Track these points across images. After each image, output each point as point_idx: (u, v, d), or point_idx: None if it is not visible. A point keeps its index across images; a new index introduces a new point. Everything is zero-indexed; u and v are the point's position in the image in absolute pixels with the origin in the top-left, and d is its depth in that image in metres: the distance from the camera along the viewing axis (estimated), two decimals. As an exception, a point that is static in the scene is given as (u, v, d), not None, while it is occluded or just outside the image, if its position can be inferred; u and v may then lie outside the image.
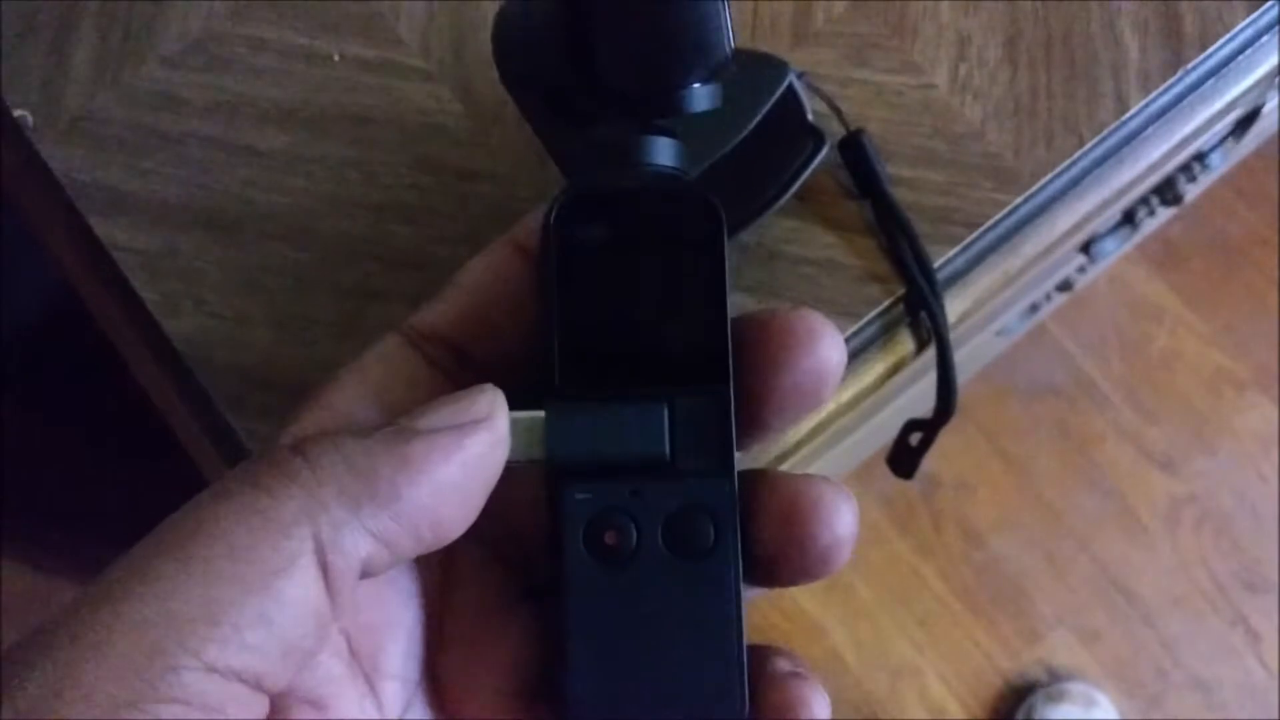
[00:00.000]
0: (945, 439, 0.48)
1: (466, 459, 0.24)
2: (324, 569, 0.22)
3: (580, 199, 0.26)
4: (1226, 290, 1.41)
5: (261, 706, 0.22)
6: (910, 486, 1.34)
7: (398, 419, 0.24)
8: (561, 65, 0.27)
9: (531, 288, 0.27)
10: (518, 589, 0.28)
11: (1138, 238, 1.09)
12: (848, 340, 0.43)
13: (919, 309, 0.43)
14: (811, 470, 0.69)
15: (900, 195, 0.43)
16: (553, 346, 0.25)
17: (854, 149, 0.43)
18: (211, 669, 0.21)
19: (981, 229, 0.44)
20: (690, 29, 0.26)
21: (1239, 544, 1.33)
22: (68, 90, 0.45)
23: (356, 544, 0.22)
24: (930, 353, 0.45)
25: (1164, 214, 0.92)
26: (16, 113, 0.45)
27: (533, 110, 0.31)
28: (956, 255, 0.44)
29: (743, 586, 0.26)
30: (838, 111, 0.43)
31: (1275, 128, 1.18)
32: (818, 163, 0.42)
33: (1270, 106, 0.86)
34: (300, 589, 0.22)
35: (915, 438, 0.50)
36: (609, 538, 0.25)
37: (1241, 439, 1.36)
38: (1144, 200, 0.83)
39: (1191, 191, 0.87)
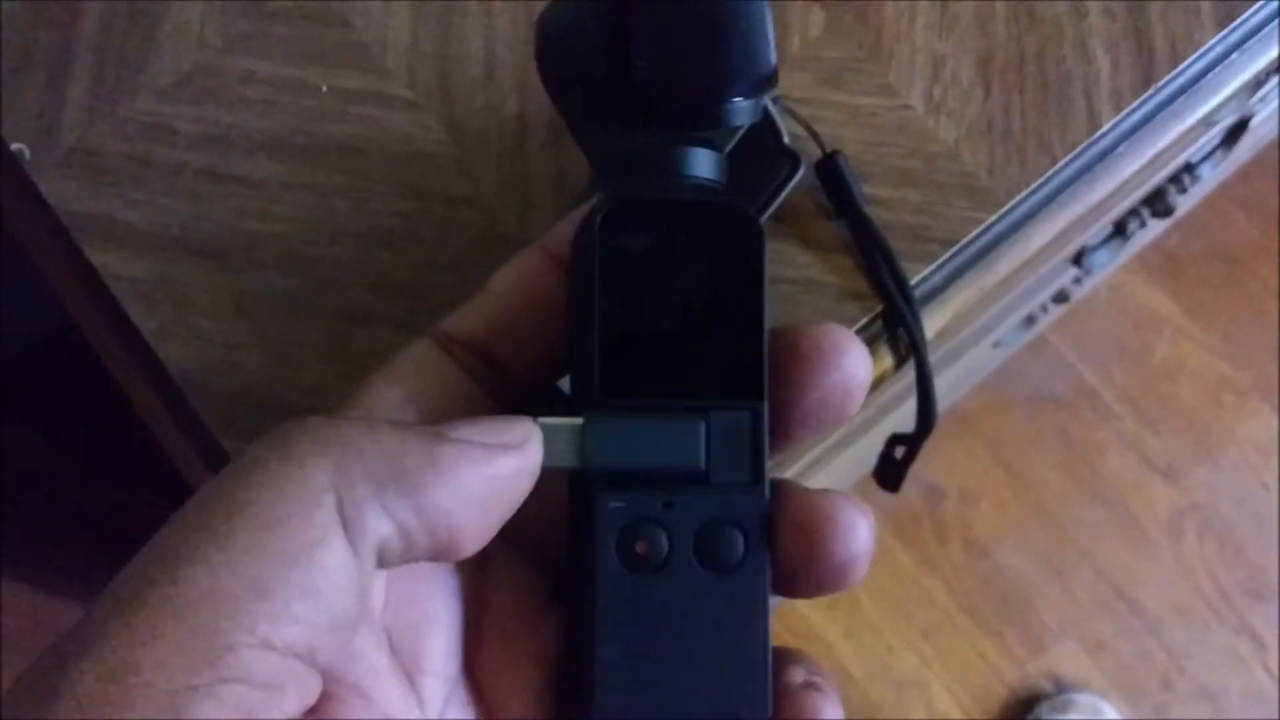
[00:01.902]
0: (947, 451, 0.48)
1: (491, 476, 0.24)
2: (350, 543, 0.22)
3: (625, 207, 0.25)
4: (1227, 299, 1.41)
5: (316, 684, 0.22)
6: (914, 499, 1.35)
7: (439, 425, 0.24)
8: (605, 69, 0.27)
9: (562, 295, 0.27)
10: (550, 590, 0.28)
11: (1131, 249, 1.09)
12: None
13: (897, 325, 0.44)
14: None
15: (877, 214, 0.44)
16: (593, 354, 0.25)
17: (830, 170, 0.44)
18: (267, 644, 0.21)
19: (957, 246, 0.44)
20: (739, 42, 0.26)
21: (1242, 552, 1.33)
22: (63, 123, 0.46)
23: (376, 525, 0.22)
24: (911, 368, 0.46)
25: (1156, 225, 0.92)
26: (13, 146, 0.46)
27: (571, 113, 0.30)
28: (933, 272, 0.45)
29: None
30: (813, 134, 0.44)
31: (1271, 136, 1.19)
32: (794, 184, 0.43)
33: (1261, 117, 0.87)
34: (337, 559, 0.22)
35: (900, 451, 0.51)
36: (640, 548, 0.25)
37: (1244, 448, 1.36)
38: (1134, 212, 0.83)
39: (1183, 202, 0.88)
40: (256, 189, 0.46)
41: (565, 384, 0.30)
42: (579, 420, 0.25)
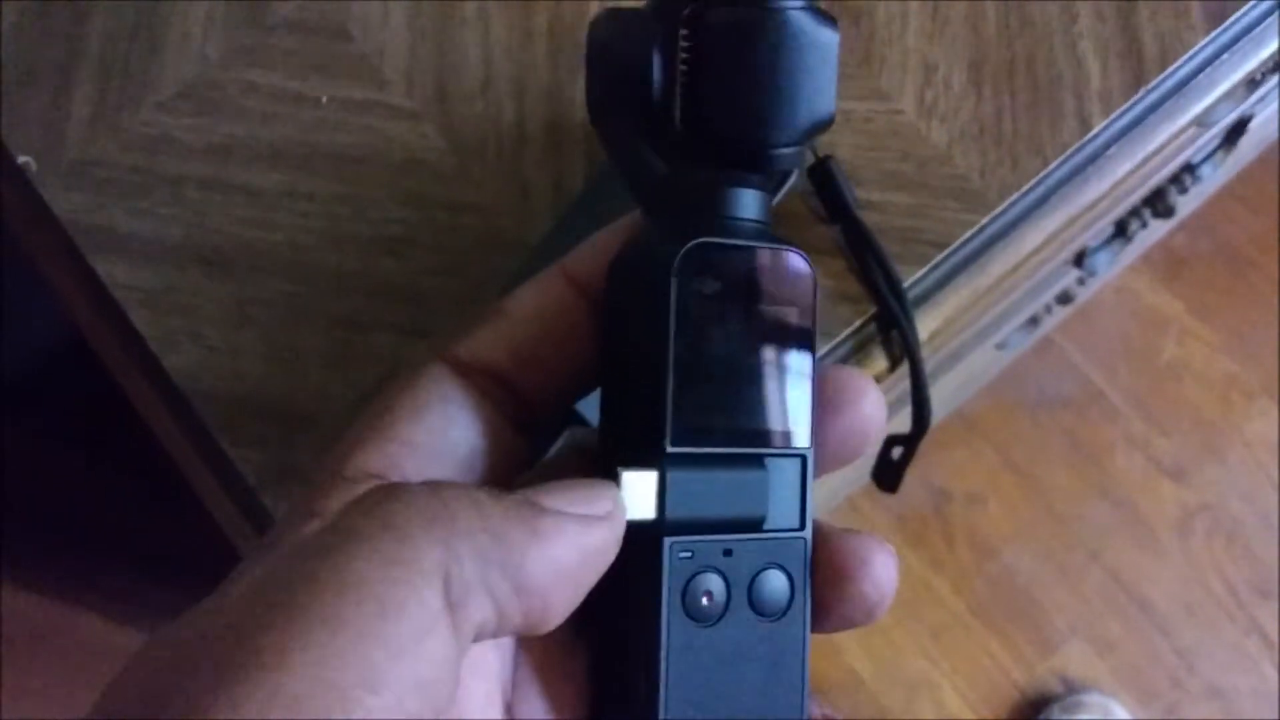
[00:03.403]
0: (955, 453, 0.49)
1: (586, 548, 0.23)
2: (453, 627, 0.21)
3: (699, 252, 0.25)
4: (1233, 298, 1.41)
5: None
6: (922, 502, 1.35)
7: (524, 492, 0.23)
8: (657, 102, 0.26)
9: (585, 323, 0.27)
10: (578, 628, 0.27)
11: (1135, 250, 1.09)
12: (821, 359, 0.44)
13: (890, 328, 0.45)
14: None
15: (869, 218, 0.45)
16: (664, 402, 0.25)
17: (823, 174, 0.45)
18: None
19: (950, 249, 0.45)
20: (806, 90, 0.25)
21: (1251, 551, 1.33)
22: (68, 136, 0.47)
23: (479, 607, 0.21)
24: (905, 370, 0.46)
25: (1158, 226, 0.92)
26: (20, 159, 0.47)
27: (617, 141, 0.29)
28: (925, 275, 0.45)
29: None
30: (806, 139, 0.45)
31: (1273, 137, 1.19)
32: (787, 189, 0.44)
33: (1262, 118, 0.87)
34: (444, 648, 0.21)
35: (897, 452, 0.51)
36: (705, 599, 0.25)
37: (1252, 446, 1.36)
38: (1135, 213, 0.84)
39: (1184, 203, 0.88)
40: (258, 198, 0.46)
41: (580, 406, 0.30)
42: (654, 472, 0.25)
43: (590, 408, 0.33)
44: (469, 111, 0.47)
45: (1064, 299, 1.04)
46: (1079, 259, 0.84)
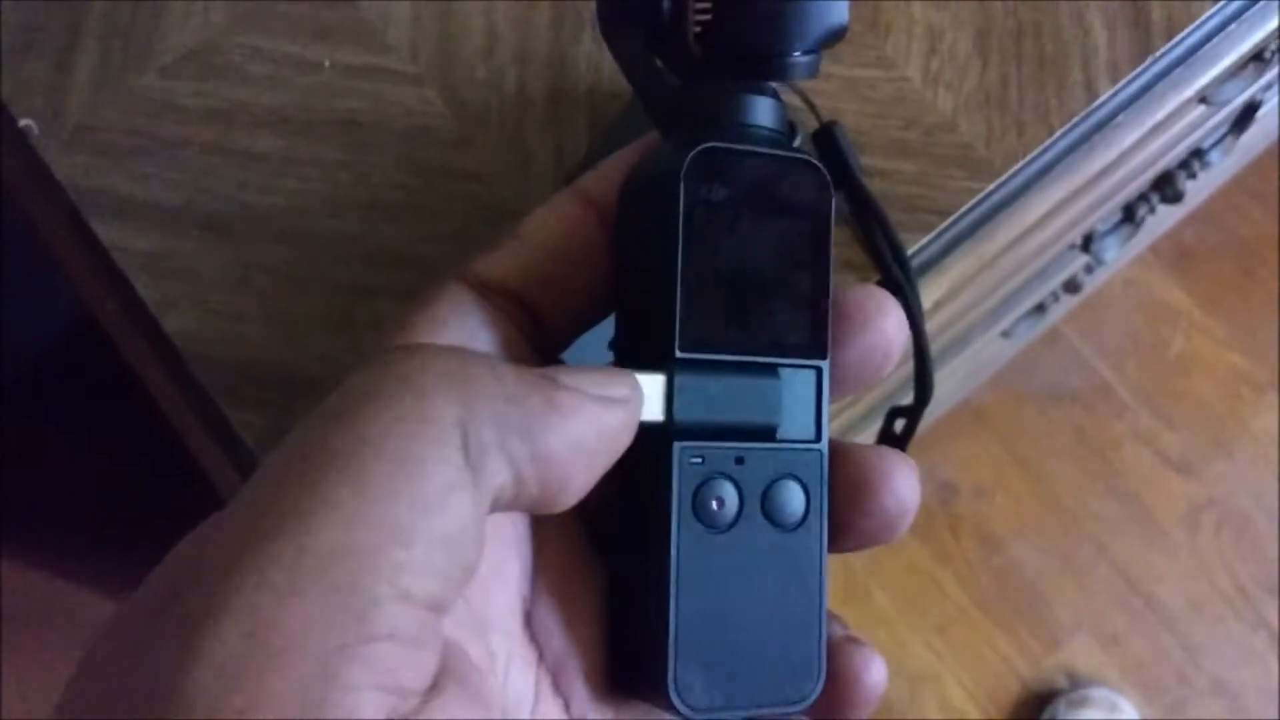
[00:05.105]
0: (961, 445, 0.48)
1: (603, 428, 0.23)
2: (474, 487, 0.21)
3: (707, 157, 0.25)
4: (1242, 292, 1.40)
5: (441, 643, 0.21)
6: (927, 494, 1.34)
7: (541, 370, 0.23)
8: (668, 13, 0.26)
9: (602, 243, 0.27)
10: (591, 541, 0.27)
11: (1144, 239, 1.09)
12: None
13: (894, 295, 0.44)
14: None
15: (874, 186, 0.44)
16: (673, 308, 0.25)
17: (827, 141, 0.44)
18: (407, 597, 0.19)
19: (954, 217, 0.45)
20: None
21: (1259, 547, 1.32)
22: (70, 100, 0.47)
23: (496, 470, 0.21)
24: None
25: (1166, 212, 0.92)
26: (21, 122, 0.47)
27: (629, 59, 0.29)
28: (930, 242, 0.45)
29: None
30: (810, 105, 0.45)
31: (1283, 128, 1.18)
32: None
33: (1271, 106, 0.87)
34: (468, 504, 0.20)
35: (899, 425, 0.51)
36: (715, 504, 0.25)
37: (1260, 441, 1.35)
38: (1144, 197, 0.83)
39: (1193, 189, 0.88)
40: (260, 163, 0.46)
41: (566, 355, 0.30)
42: (660, 375, 0.25)
43: (573, 359, 0.32)
44: (472, 78, 0.47)
45: (1071, 287, 1.03)
46: (1086, 243, 0.83)
